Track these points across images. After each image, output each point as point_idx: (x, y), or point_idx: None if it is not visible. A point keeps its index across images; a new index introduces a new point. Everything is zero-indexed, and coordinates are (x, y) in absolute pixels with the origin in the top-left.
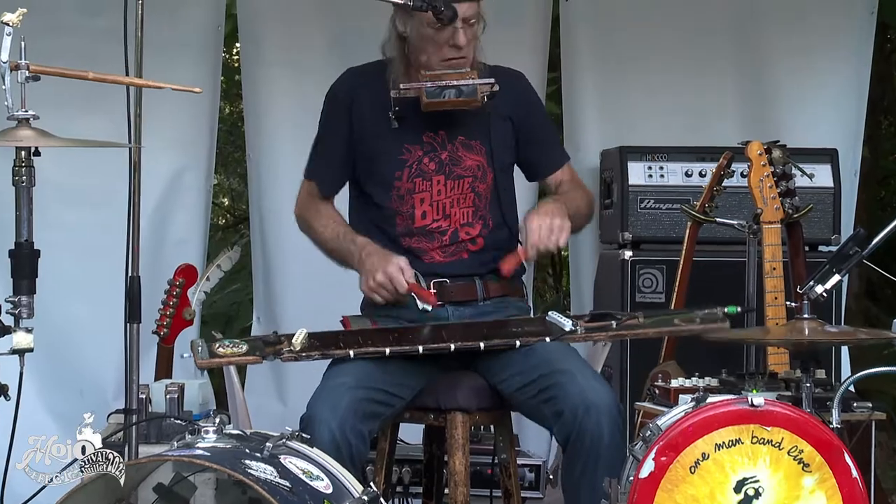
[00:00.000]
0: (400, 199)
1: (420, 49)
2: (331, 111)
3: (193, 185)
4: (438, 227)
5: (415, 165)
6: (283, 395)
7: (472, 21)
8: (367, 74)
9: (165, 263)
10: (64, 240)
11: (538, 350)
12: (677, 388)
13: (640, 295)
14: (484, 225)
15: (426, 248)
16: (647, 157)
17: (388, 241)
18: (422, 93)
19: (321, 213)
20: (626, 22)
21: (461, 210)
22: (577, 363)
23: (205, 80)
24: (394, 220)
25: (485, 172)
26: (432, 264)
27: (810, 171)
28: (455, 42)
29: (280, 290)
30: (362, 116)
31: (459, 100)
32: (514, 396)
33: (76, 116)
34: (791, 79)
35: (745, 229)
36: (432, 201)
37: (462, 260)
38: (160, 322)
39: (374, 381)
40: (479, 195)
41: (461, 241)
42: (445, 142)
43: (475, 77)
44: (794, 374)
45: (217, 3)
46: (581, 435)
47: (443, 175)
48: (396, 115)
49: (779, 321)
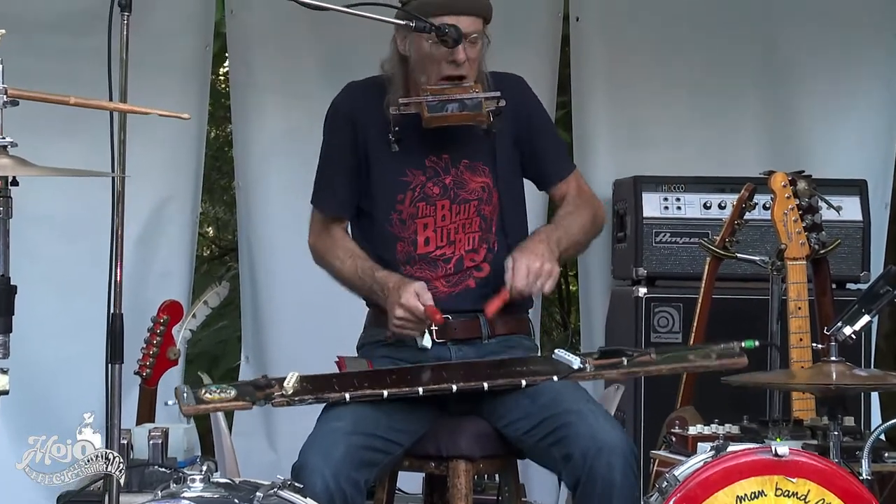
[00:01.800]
0: (402, 223)
1: (420, 67)
2: (334, 128)
3: (178, 215)
4: (442, 254)
5: (418, 189)
6: (273, 441)
7: (473, 37)
8: (370, 89)
9: (148, 299)
10: (42, 274)
11: (545, 390)
12: (695, 436)
13: (655, 335)
14: (489, 249)
15: (429, 276)
16: (662, 188)
17: (387, 269)
18: (423, 107)
19: (337, 245)
20: (641, 42)
21: (466, 236)
22: (587, 403)
23: (192, 104)
24: (394, 246)
25: (490, 194)
26: (436, 296)
27: (838, 203)
28: (454, 58)
29: (270, 328)
30: (366, 133)
31: (463, 114)
32: (520, 441)
33: (56, 143)
34: (817, 105)
35: (768, 266)
36: (436, 227)
37: (468, 290)
38: (143, 362)
39: (372, 427)
40: (484, 218)
41: (466, 268)
42: (449, 166)
43: (479, 90)
44: (821, 422)
45: (205, 22)
46: (591, 478)
47: (447, 199)
48: (397, 136)
49: (804, 364)
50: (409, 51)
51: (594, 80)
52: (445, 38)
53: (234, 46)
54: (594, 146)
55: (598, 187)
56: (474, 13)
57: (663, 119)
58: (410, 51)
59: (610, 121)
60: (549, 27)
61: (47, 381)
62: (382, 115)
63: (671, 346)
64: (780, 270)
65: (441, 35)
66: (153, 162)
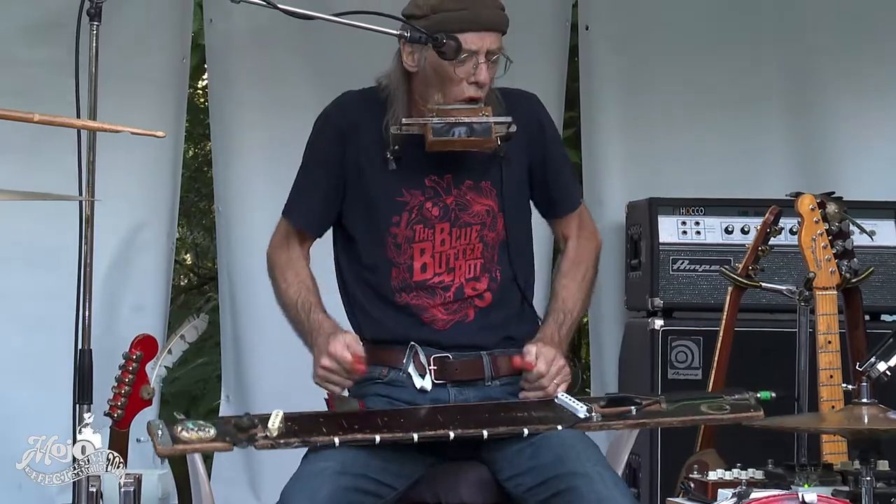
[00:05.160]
0: (397, 248)
1: (432, 85)
2: (321, 137)
3: (153, 242)
4: (441, 282)
5: (416, 210)
6: (255, 486)
7: (495, 56)
8: (367, 101)
9: (120, 334)
10: (2, 308)
11: (552, 443)
12: (716, 482)
13: (672, 371)
14: (491, 278)
15: (426, 304)
16: (680, 211)
17: (379, 297)
18: (427, 130)
19: (290, 265)
20: (656, 53)
21: (467, 263)
22: (595, 464)
23: (168, 121)
24: (388, 273)
25: (494, 218)
26: (433, 327)
27: (870, 227)
28: (477, 79)
29: (253, 365)
30: (358, 148)
31: (471, 139)
32: (524, 499)
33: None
34: (847, 122)
35: (796, 296)
36: (434, 252)
37: (467, 323)
38: (114, 402)
39: (362, 467)
40: (487, 245)
41: (467, 297)
42: (451, 186)
43: (489, 113)
44: (853, 466)
45: (182, 33)
46: None
47: (447, 222)
48: (395, 154)
49: (834, 405)
50: (421, 66)
51: (605, 94)
52: (444, 49)
53: (213, 58)
54: (606, 166)
55: (609, 210)
56: (498, 29)
57: (681, 136)
58: (424, 66)
59: (623, 138)
60: (557, 37)
61: (7, 425)
62: (379, 130)
63: (682, 394)
64: (809, 301)
65: (438, 47)
66: (125, 184)
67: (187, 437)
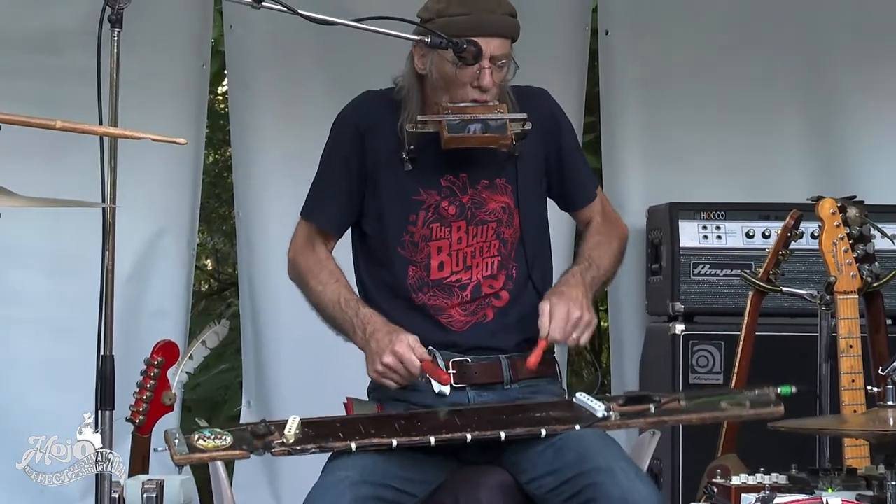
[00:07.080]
0: (413, 246)
1: (440, 88)
2: (340, 137)
3: (174, 247)
4: (458, 280)
5: (432, 209)
6: (276, 491)
7: (501, 62)
8: (385, 101)
9: (141, 340)
10: (25, 315)
11: (571, 442)
12: (739, 487)
13: (693, 375)
14: (508, 276)
15: (444, 304)
16: (701, 216)
17: (397, 297)
18: (442, 127)
19: (321, 266)
20: (676, 57)
21: (484, 260)
22: (617, 458)
23: (188, 128)
24: (405, 272)
25: (511, 215)
26: (451, 329)
27: (892, 231)
28: (480, 84)
29: (274, 370)
30: (377, 148)
31: (486, 136)
32: (545, 500)
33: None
34: (868, 124)
35: (817, 300)
36: (451, 250)
37: (485, 323)
38: (136, 408)
39: (382, 475)
40: (504, 242)
41: (484, 296)
42: (467, 185)
43: (504, 111)
44: (877, 471)
45: (202, 40)
46: None
47: (464, 220)
48: (411, 154)
49: (857, 408)
50: (428, 69)
51: (625, 99)
52: (464, 54)
53: (233, 65)
54: (626, 170)
55: (630, 215)
56: (504, 35)
57: (701, 140)
58: (431, 69)
59: (643, 142)
60: (576, 41)
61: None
62: (395, 130)
63: (702, 391)
64: (830, 305)
65: (459, 52)
66: (146, 190)
67: (204, 445)
